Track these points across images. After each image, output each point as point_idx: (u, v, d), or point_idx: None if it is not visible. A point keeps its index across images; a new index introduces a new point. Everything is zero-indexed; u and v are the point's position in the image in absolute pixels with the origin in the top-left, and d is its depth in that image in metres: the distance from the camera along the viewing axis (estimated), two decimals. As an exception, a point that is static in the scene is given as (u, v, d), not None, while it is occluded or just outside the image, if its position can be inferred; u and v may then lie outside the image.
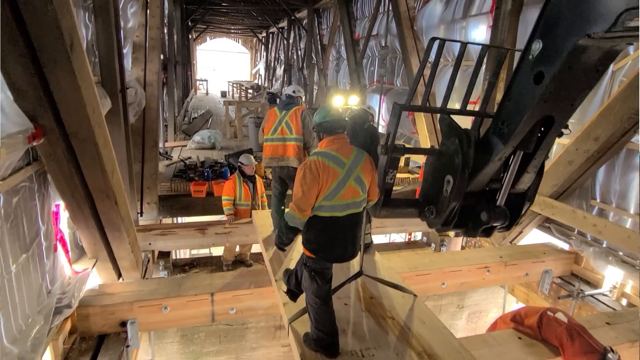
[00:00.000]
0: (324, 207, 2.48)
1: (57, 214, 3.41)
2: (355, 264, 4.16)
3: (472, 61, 7.15)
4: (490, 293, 6.08)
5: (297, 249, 3.58)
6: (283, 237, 2.67)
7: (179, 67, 13.94)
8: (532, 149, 2.23)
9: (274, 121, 4.42)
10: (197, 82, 31.01)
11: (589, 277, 5.02)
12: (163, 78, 10.24)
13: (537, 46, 1.93)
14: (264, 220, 5.26)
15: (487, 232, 2.59)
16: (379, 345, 2.95)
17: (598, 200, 4.86)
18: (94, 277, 3.92)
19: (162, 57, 9.07)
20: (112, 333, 3.64)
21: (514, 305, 6.06)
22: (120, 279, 4.37)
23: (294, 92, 4.50)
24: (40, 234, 3.12)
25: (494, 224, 2.48)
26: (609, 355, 2.95)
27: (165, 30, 11.07)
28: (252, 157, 5.94)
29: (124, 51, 6.24)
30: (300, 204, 2.43)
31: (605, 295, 4.70)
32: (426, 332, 3.12)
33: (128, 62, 6.53)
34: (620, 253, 4.59)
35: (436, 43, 2.31)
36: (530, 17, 5.65)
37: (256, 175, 5.97)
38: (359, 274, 3.35)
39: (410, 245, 7.42)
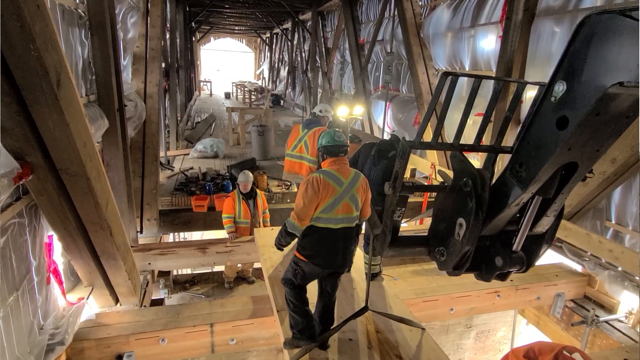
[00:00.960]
0: (320, 219, 2.78)
1: (50, 245, 3.29)
2: (361, 295, 4.00)
3: (479, 71, 6.94)
4: (500, 313, 5.90)
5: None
6: (282, 240, 2.92)
7: (181, 71, 13.82)
8: (552, 195, 2.05)
9: (296, 138, 4.64)
10: (201, 84, 30.93)
11: (603, 300, 4.83)
12: (165, 85, 10.11)
13: (560, 88, 1.74)
14: (265, 240, 5.10)
15: (502, 277, 2.42)
16: (385, 390, 2.79)
17: (613, 222, 4.67)
18: (89, 307, 3.79)
19: (163, 64, 8.94)
20: (108, 367, 3.51)
21: (523, 326, 5.89)
22: (118, 304, 4.25)
23: (320, 111, 4.71)
24: (32, 269, 2.99)
25: (509, 270, 2.31)
26: (631, 402, 2.77)
27: (168, 36, 10.94)
28: (250, 174, 5.71)
29: (124, 62, 6.12)
30: (300, 214, 2.74)
31: (621, 322, 4.51)
32: (436, 374, 2.97)
33: (128, 74, 6.40)
34: (637, 278, 4.39)
35: (449, 79, 2.13)
36: (542, 28, 5.45)
37: (257, 190, 5.80)
38: (365, 309, 3.19)
39: (415, 259, 7.23)
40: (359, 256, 4.45)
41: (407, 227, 7.43)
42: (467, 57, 7.25)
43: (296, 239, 2.90)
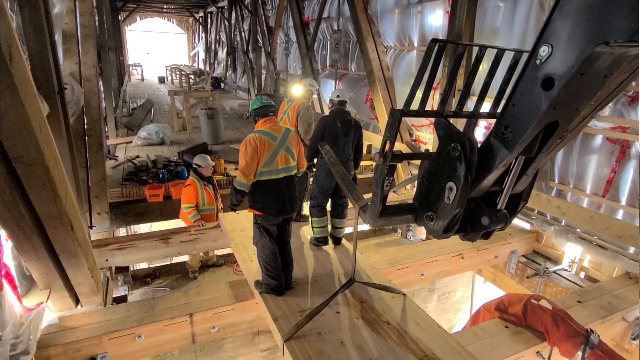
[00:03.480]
0: (264, 173, 3.24)
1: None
2: (341, 270, 4.05)
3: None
4: (458, 275, 6.30)
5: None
6: (233, 199, 3.36)
7: (111, 53, 12.68)
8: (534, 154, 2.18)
9: (281, 111, 4.87)
10: (130, 68, 28.70)
11: (549, 253, 5.35)
12: (98, 67, 9.21)
13: (545, 51, 1.83)
14: (232, 225, 4.96)
15: (486, 236, 2.55)
16: (381, 355, 2.88)
17: (556, 182, 5.14)
18: (50, 311, 3.44)
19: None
20: (79, 372, 3.23)
21: (480, 285, 6.36)
22: (79, 306, 3.90)
23: (304, 85, 4.92)
24: (-18, 275, 2.62)
25: (494, 228, 2.44)
26: (591, 337, 3.12)
27: (96, 16, 9.92)
28: (208, 157, 5.49)
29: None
30: (245, 171, 3.18)
31: (566, 271, 5.03)
32: (423, 334, 3.10)
33: (59, 55, 5.72)
34: (578, 230, 4.91)
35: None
36: (487, 4, 5.72)
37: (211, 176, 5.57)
38: (351, 281, 3.23)
39: (376, 232, 7.47)
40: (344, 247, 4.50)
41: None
42: (415, 33, 7.43)
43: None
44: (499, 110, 2.16)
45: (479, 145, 2.36)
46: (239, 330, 3.88)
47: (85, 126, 5.65)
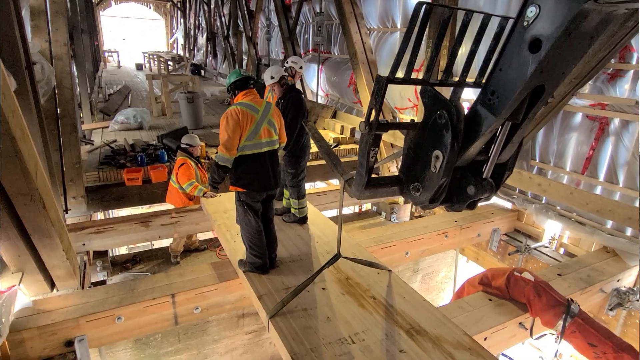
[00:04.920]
0: (247, 147, 3.14)
1: (-36, 225, 2.73)
2: (327, 248, 4.02)
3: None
4: (441, 254, 6.37)
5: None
6: (215, 176, 3.21)
7: (85, 36, 12.18)
8: (520, 120, 2.16)
9: (267, 90, 4.67)
10: (106, 54, 27.76)
11: (530, 231, 5.44)
12: (70, 49, 8.83)
13: (533, 12, 1.80)
14: (214, 206, 4.86)
15: (472, 205, 2.54)
16: (367, 329, 2.86)
17: (537, 160, 5.21)
18: (23, 294, 3.29)
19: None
20: (56, 355, 3.11)
21: (463, 264, 6.45)
22: (55, 290, 3.75)
23: (287, 62, 4.75)
24: (-54, 254, 2.47)
25: (480, 197, 2.42)
26: (572, 306, 3.18)
27: (65, -7, 9.47)
28: (197, 137, 5.41)
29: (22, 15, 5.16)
30: (227, 145, 3.06)
31: (546, 247, 5.13)
32: (409, 308, 3.11)
33: (27, 32, 5.42)
34: (558, 207, 5.00)
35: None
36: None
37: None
38: (337, 256, 3.19)
39: (361, 215, 7.47)
40: (331, 229, 4.45)
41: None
42: (398, 15, 7.37)
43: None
44: (485, 80, 2.13)
45: (465, 113, 2.32)
46: (223, 310, 3.81)
47: (58, 107, 5.40)
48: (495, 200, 5.83)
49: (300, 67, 4.82)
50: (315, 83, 10.11)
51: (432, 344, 2.74)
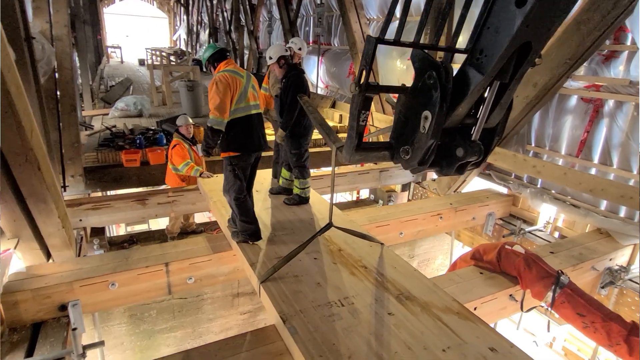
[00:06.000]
0: (238, 110, 3.29)
1: (-40, 185, 2.77)
2: (320, 223, 4.05)
3: None
4: (438, 241, 6.39)
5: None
6: (209, 141, 3.29)
7: (87, 26, 12.27)
8: (508, 79, 2.18)
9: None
10: (109, 50, 27.87)
11: (525, 216, 5.46)
12: (72, 37, 8.90)
13: (519, -35, 1.83)
14: (210, 185, 4.89)
15: (461, 170, 2.57)
16: (357, 294, 2.89)
17: (533, 145, 5.23)
18: (17, 259, 3.33)
19: (69, 11, 7.81)
20: (49, 319, 3.15)
21: (459, 250, 6.46)
22: (50, 260, 3.79)
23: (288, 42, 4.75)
24: (-59, 209, 2.51)
25: (469, 160, 2.44)
26: (562, 277, 3.20)
27: (68, -18, 9.54)
28: (188, 117, 5.45)
29: (22, -2, 5.22)
30: (220, 108, 3.17)
31: (541, 231, 5.15)
32: (399, 276, 3.13)
33: (29, 12, 5.48)
34: (553, 191, 5.02)
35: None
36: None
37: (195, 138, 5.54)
38: (329, 226, 3.22)
39: (358, 203, 7.50)
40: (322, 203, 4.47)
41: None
42: (398, 4, 7.38)
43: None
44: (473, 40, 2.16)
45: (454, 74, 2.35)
46: (216, 282, 3.84)
47: (57, 87, 5.45)
48: (490, 185, 5.85)
49: (300, 49, 4.77)
50: (315, 74, 10.16)
51: (420, 308, 2.76)
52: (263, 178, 5.08)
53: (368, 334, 2.49)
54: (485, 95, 2.24)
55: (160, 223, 7.93)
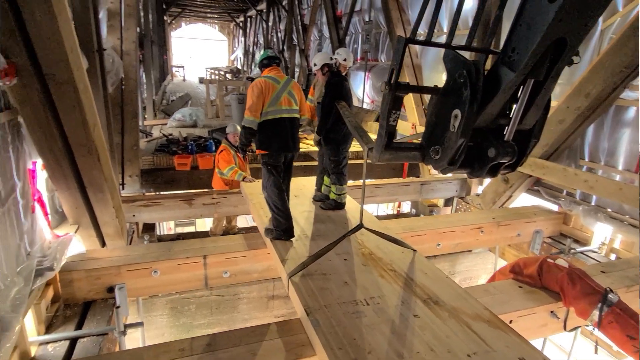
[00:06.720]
0: (269, 113, 3.57)
1: (34, 172, 3.16)
2: (353, 225, 4.07)
3: None
4: (481, 259, 6.12)
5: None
6: (243, 138, 3.68)
7: (154, 46, 13.43)
8: (543, 77, 2.13)
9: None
10: (173, 69, 30.11)
11: (578, 235, 5.10)
12: (140, 55, 9.80)
13: (552, -40, 1.83)
14: (252, 189, 5.10)
15: (493, 172, 2.51)
16: (384, 295, 2.87)
17: (587, 160, 4.92)
18: (76, 242, 3.69)
19: (138, 30, 8.66)
20: (98, 299, 3.44)
21: (504, 269, 6.13)
22: (104, 248, 4.14)
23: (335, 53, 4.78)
24: (16, 190, 2.87)
25: (502, 161, 2.39)
26: (610, 295, 2.96)
27: (140, 6, 10.60)
28: (237, 126, 5.76)
29: (99, 16, 5.90)
30: (252, 109, 3.53)
31: (595, 252, 4.77)
32: (430, 282, 3.07)
33: (103, 30, 6.17)
34: (609, 210, 4.66)
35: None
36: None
37: None
38: (359, 227, 3.24)
39: (399, 217, 7.40)
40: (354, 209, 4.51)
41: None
42: (445, 18, 7.39)
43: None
44: (505, 39, 2.15)
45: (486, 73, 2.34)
46: (250, 278, 3.98)
47: (123, 95, 6.03)
48: (539, 201, 5.55)
49: (345, 59, 4.84)
50: (362, 90, 10.30)
51: (448, 313, 2.69)
52: (303, 185, 5.22)
53: (390, 333, 2.47)
54: (519, 94, 2.21)
55: (206, 225, 8.32)
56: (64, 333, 3.00)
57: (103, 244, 4.10)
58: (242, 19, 29.38)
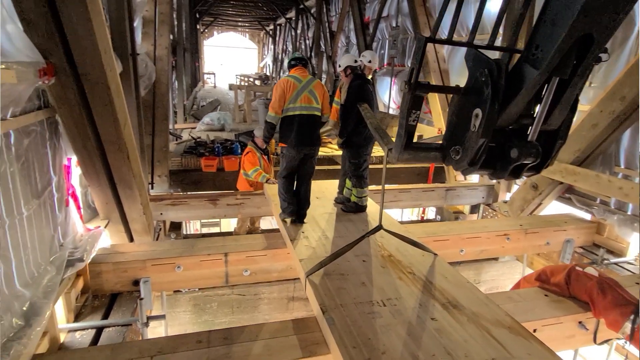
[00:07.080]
0: (289, 109, 3.83)
1: (68, 167, 3.34)
2: (373, 224, 4.05)
3: None
4: (508, 268, 5.92)
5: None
6: (266, 132, 4.01)
7: (187, 54, 13.91)
8: (568, 76, 2.06)
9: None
10: (205, 76, 31.03)
11: (612, 246, 4.85)
12: (172, 61, 10.18)
13: (576, -45, 1.78)
14: (275, 190, 5.16)
15: (516, 173, 2.44)
16: (401, 296, 2.84)
17: (622, 167, 4.69)
18: (106, 236, 3.86)
19: (171, 37, 9.01)
20: (125, 292, 3.57)
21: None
22: (132, 243, 4.31)
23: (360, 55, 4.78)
24: (52, 184, 3.04)
25: (525, 162, 2.32)
26: (644, 307, 2.80)
27: (174, 15, 11.03)
28: (262, 129, 5.89)
29: (134, 24, 6.20)
30: (274, 106, 3.83)
31: (631, 264, 4.53)
32: (450, 286, 3.00)
33: (138, 37, 6.47)
34: (649, 218, 4.42)
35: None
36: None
37: (267, 148, 5.94)
38: (378, 228, 3.22)
39: (423, 223, 7.27)
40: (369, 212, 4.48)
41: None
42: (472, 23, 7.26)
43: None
44: (529, 36, 2.11)
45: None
46: (270, 277, 4.02)
47: (155, 99, 6.28)
48: (571, 210, 5.32)
49: (369, 62, 4.81)
50: (387, 95, 10.26)
51: (467, 318, 2.62)
52: (325, 187, 5.24)
53: (406, 335, 2.43)
54: (543, 93, 2.15)
55: (231, 226, 8.46)
56: (91, 322, 3.13)
57: (131, 239, 4.26)
58: (271, 27, 29.97)
